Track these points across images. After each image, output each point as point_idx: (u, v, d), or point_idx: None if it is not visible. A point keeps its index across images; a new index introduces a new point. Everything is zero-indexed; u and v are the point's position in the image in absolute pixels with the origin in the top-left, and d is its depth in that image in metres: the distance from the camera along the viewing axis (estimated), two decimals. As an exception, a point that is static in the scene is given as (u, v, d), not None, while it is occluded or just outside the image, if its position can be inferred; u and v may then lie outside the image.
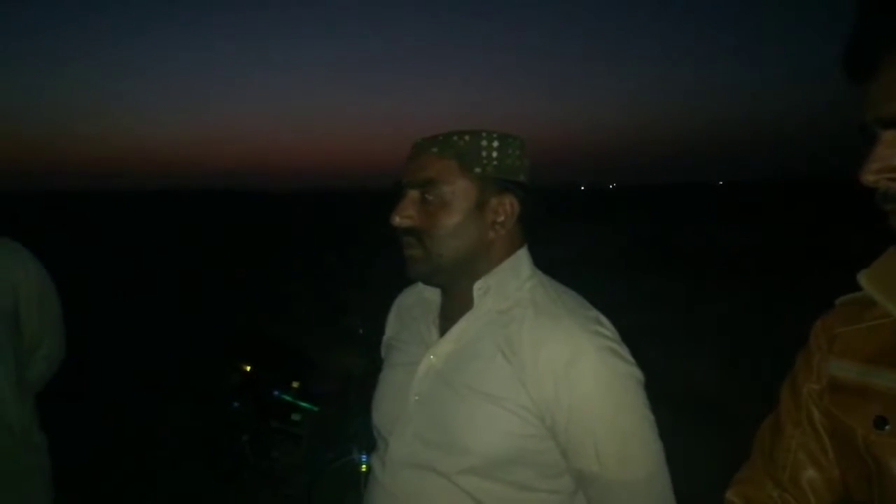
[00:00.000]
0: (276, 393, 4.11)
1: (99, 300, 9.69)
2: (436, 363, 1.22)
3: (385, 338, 1.46)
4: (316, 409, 4.09)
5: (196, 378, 5.58)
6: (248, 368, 4.41)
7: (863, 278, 0.88)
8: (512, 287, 1.21)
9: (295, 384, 4.17)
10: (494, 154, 1.19)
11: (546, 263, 1.30)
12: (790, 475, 0.95)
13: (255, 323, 7.56)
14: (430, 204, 1.19)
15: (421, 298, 1.35)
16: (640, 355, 1.18)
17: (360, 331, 4.85)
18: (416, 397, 1.22)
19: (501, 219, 1.20)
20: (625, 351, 1.14)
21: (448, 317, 1.27)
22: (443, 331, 1.26)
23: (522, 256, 1.25)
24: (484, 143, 1.19)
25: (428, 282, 1.27)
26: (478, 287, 1.20)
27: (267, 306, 9.25)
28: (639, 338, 1.24)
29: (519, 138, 1.23)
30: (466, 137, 1.19)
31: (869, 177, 0.76)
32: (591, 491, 1.14)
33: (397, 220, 1.20)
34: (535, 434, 1.12)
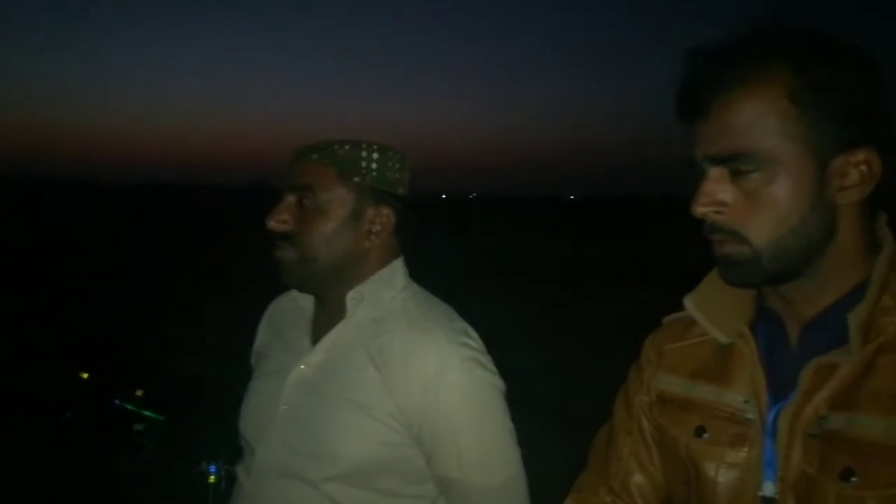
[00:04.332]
0: (116, 402, 3.86)
1: None
2: (306, 372, 1.23)
3: (255, 346, 1.45)
4: (162, 418, 3.88)
5: (26, 386, 5.09)
6: (86, 376, 4.11)
7: (687, 300, 0.99)
8: (386, 297, 1.24)
9: (138, 392, 3.95)
10: (374, 165, 1.22)
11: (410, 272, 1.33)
12: (621, 481, 1.05)
13: (96, 326, 7.02)
14: (306, 209, 1.20)
15: (294, 306, 1.35)
16: (497, 361, 1.24)
17: (212, 337, 4.67)
18: (285, 406, 1.23)
19: (377, 229, 1.23)
20: (488, 361, 1.21)
21: (321, 325, 1.28)
22: (315, 339, 1.27)
23: (398, 267, 1.28)
24: (364, 153, 1.22)
25: (300, 287, 1.28)
26: (351, 296, 1.23)
27: (111, 308, 8.60)
28: (494, 344, 1.30)
29: (400, 151, 1.27)
30: (347, 147, 1.22)
31: (699, 209, 0.86)
32: (453, 495, 1.20)
33: (272, 223, 1.20)
34: (401, 442, 1.17)
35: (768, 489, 0.85)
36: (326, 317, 1.27)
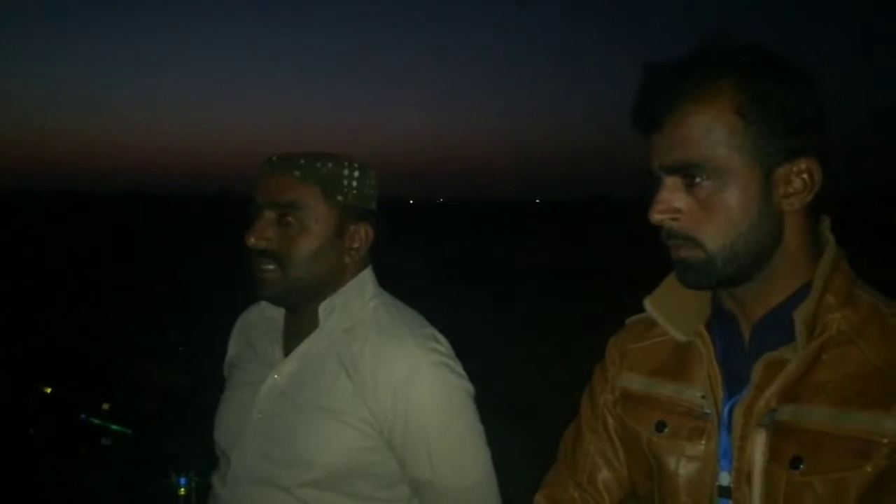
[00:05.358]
0: (82, 416, 3.78)
1: None
2: (279, 382, 1.25)
3: (228, 357, 1.45)
4: (129, 431, 3.81)
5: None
6: (49, 390, 4.02)
7: (647, 302, 1.04)
8: (356, 307, 1.27)
9: (105, 406, 3.86)
10: (354, 183, 1.24)
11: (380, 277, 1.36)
12: (588, 477, 1.10)
13: (61, 337, 6.86)
14: (290, 227, 1.20)
15: (264, 317, 1.36)
16: (465, 365, 1.27)
17: (181, 347, 4.60)
18: (259, 415, 1.24)
19: (357, 245, 1.26)
20: (457, 365, 1.24)
21: (292, 335, 1.30)
22: (287, 349, 1.29)
23: (367, 277, 1.31)
24: (346, 171, 1.24)
25: (278, 302, 1.29)
26: (323, 307, 1.25)
27: (77, 318, 8.40)
28: (462, 348, 1.33)
29: (373, 170, 1.29)
30: (330, 165, 1.22)
31: (655, 216, 0.92)
32: (425, 497, 1.23)
33: (252, 240, 1.19)
34: (374, 447, 1.20)
35: (724, 479, 0.90)
36: (298, 327, 1.29)
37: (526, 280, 13.48)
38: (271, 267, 1.21)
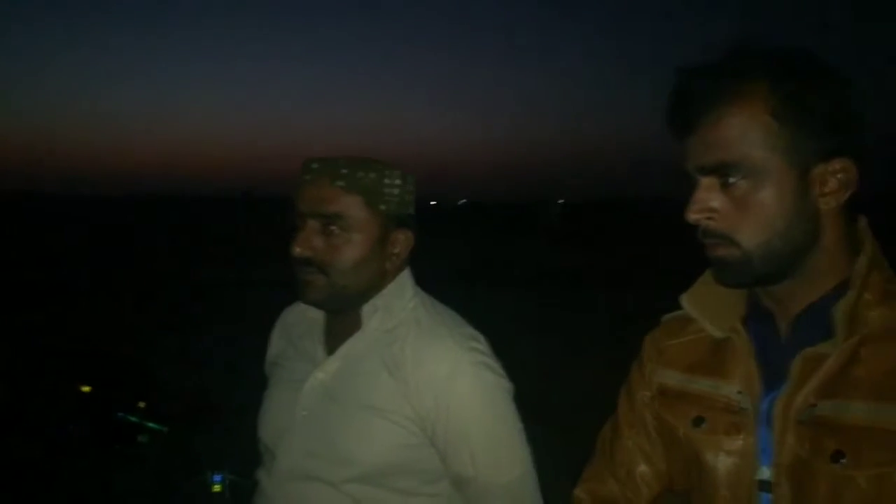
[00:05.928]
0: (119, 414, 3.88)
1: None
2: (323, 380, 1.29)
3: (269, 355, 1.49)
4: (165, 429, 3.90)
5: (26, 400, 5.07)
6: (87, 389, 4.13)
7: (684, 299, 1.06)
8: (397, 307, 1.30)
9: (141, 404, 3.96)
10: (396, 191, 1.27)
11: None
12: (627, 471, 1.11)
13: (96, 339, 7.01)
14: (334, 236, 1.23)
15: (304, 317, 1.39)
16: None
17: (211, 347, 4.71)
18: (304, 412, 1.28)
19: (398, 251, 1.29)
20: (497, 365, 1.27)
21: (334, 335, 1.33)
22: (330, 348, 1.32)
23: (406, 278, 1.34)
24: (387, 180, 1.26)
25: (322, 307, 1.32)
26: (367, 309, 1.28)
27: (110, 320, 8.56)
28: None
29: (412, 175, 1.32)
30: (372, 175, 1.24)
31: (692, 216, 0.94)
32: (467, 492, 1.26)
33: (299, 250, 1.22)
34: (417, 443, 1.23)
35: (764, 474, 0.92)
36: (340, 328, 1.32)
37: (547, 281, 13.43)
38: (316, 274, 1.23)
